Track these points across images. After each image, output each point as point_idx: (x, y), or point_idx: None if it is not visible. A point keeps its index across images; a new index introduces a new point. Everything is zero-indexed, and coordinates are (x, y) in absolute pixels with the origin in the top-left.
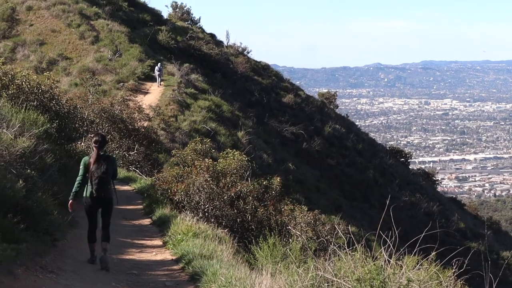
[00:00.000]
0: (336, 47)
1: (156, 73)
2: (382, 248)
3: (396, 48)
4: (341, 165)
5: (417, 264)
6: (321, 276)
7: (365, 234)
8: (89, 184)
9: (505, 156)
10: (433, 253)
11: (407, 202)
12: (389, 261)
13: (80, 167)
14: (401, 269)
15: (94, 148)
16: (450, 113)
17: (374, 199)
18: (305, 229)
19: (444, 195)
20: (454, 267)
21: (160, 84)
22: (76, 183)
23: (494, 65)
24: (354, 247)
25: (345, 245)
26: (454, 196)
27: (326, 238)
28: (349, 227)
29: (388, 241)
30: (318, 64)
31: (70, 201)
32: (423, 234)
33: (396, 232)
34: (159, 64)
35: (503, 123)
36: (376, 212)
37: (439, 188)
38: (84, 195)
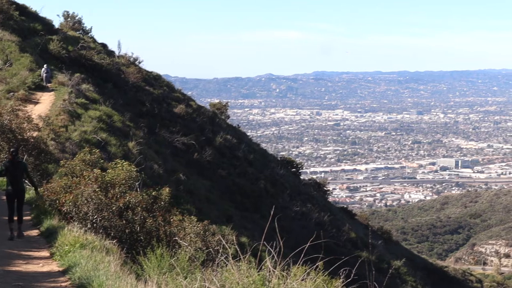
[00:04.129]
0: (228, 57)
1: (44, 75)
2: (267, 258)
3: (288, 58)
4: (232, 175)
5: (305, 274)
6: (207, 287)
7: (255, 245)
8: (8, 181)
9: (396, 166)
10: (320, 262)
11: (298, 212)
12: (274, 271)
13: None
14: (286, 279)
15: (10, 156)
16: (342, 124)
17: (265, 210)
18: (194, 240)
19: (335, 205)
20: (342, 277)
21: (48, 86)
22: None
23: (386, 76)
24: (243, 257)
25: (233, 255)
26: (345, 206)
27: (215, 248)
28: (235, 237)
29: (273, 251)
30: (210, 74)
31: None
32: (308, 244)
33: (281, 242)
34: (45, 65)
35: (394, 134)
36: (267, 222)
37: (330, 198)
38: (6, 188)
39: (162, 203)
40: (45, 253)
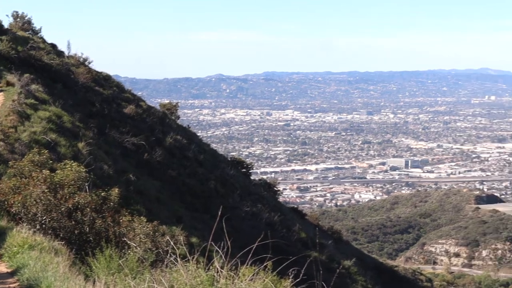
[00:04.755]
0: (178, 57)
1: None
2: (215, 258)
3: (238, 59)
4: (182, 176)
5: (254, 274)
6: None
7: (204, 245)
8: None
9: (346, 166)
10: (268, 262)
11: (248, 213)
12: (222, 272)
13: None
14: (234, 279)
15: None
16: (292, 124)
17: (215, 210)
18: (144, 241)
19: (286, 205)
20: (291, 277)
21: None
22: None
23: (336, 77)
24: (191, 257)
25: (183, 256)
26: (295, 206)
27: (165, 249)
28: (183, 238)
29: (220, 251)
30: (161, 75)
31: None
32: (257, 243)
33: (229, 242)
34: None
35: (344, 134)
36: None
37: (280, 199)
38: None
39: (112, 203)
40: None
